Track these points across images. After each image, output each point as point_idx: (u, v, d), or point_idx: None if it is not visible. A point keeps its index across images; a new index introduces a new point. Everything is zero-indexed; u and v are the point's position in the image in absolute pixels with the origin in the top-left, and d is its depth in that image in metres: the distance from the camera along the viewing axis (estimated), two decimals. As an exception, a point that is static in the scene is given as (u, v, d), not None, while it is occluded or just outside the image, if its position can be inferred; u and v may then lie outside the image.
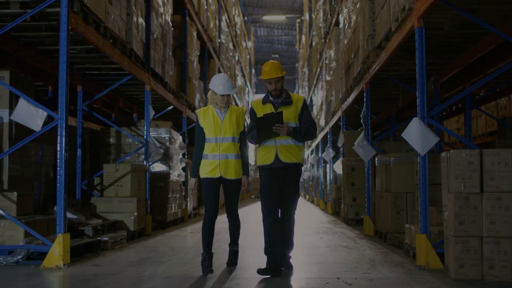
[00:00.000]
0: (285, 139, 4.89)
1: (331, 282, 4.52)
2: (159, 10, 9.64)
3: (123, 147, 9.95)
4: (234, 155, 5.02)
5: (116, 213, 7.95)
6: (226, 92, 4.99)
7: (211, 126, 5.01)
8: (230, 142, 5.01)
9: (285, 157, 4.88)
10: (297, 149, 4.94)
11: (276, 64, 4.97)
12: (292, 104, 4.98)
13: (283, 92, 5.03)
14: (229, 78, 5.02)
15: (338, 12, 12.60)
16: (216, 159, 4.98)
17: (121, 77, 8.70)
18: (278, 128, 4.77)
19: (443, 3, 5.21)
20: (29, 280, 4.65)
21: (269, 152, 4.91)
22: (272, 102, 5.02)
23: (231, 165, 4.99)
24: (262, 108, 5.01)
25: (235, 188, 5.06)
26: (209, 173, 4.98)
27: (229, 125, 5.02)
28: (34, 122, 5.47)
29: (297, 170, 4.98)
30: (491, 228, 4.51)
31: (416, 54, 5.40)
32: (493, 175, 4.53)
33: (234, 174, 5.01)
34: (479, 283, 4.41)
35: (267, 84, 4.98)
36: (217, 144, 4.99)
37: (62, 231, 5.33)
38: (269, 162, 4.90)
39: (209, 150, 5.02)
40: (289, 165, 4.88)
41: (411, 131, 5.21)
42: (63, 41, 5.42)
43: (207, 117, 5.05)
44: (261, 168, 5.00)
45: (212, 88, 5.03)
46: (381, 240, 7.62)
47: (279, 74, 4.93)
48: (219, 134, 5.00)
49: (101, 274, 4.96)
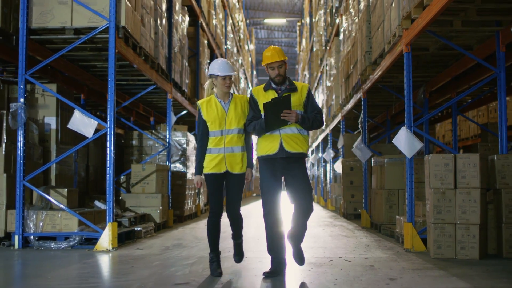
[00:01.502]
0: (290, 128, 4.61)
1: (334, 259, 5.63)
2: (178, 26, 10.74)
3: (145, 149, 11.06)
4: (240, 147, 4.69)
5: (143, 207, 9.05)
6: (228, 73, 4.67)
7: (216, 119, 4.67)
8: (236, 134, 4.67)
9: (290, 146, 4.59)
10: (302, 138, 4.65)
11: (278, 49, 4.68)
12: (297, 92, 4.69)
13: (286, 79, 4.74)
14: (228, 61, 4.77)
15: (338, 24, 13.70)
16: (221, 153, 4.65)
17: (146, 87, 9.79)
18: (286, 115, 4.48)
19: (427, 32, 6.32)
20: (87, 259, 5.74)
21: (273, 141, 4.61)
22: (275, 89, 4.71)
23: (237, 158, 4.67)
24: (264, 95, 4.69)
25: (239, 183, 4.72)
26: (214, 169, 4.65)
27: (234, 117, 4.68)
28: (86, 130, 6.57)
29: (302, 161, 4.70)
30: (463, 216, 5.62)
31: (404, 74, 6.51)
32: (464, 174, 5.64)
33: (240, 167, 4.69)
34: (452, 260, 5.52)
35: (270, 70, 4.67)
36: (222, 137, 4.66)
37: (111, 220, 6.43)
38: (272, 152, 4.60)
39: (213, 144, 4.68)
40: (293, 155, 4.59)
41: (400, 138, 6.32)
42: (111, 63, 6.51)
43: (210, 109, 4.70)
44: (262, 158, 4.69)
45: (212, 72, 4.71)
46: (376, 231, 8.73)
47: (281, 58, 4.65)
48: (224, 126, 4.67)
49: (146, 255, 6.06)
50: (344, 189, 12.02)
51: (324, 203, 18.39)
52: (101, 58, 8.02)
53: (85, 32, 6.76)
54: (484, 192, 5.78)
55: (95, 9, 6.65)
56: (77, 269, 5.19)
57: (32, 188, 6.66)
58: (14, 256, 5.94)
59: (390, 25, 7.19)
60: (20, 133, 6.61)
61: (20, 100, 6.60)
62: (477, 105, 11.34)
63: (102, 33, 6.73)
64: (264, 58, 4.70)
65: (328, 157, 15.96)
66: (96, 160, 10.18)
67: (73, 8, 6.74)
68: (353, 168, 11.87)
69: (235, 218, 4.78)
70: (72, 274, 4.94)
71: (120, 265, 5.35)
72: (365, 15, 9.18)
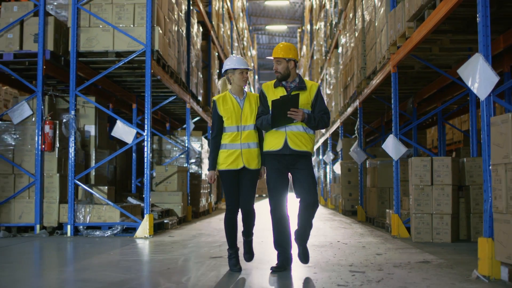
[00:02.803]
0: (295, 125, 4.65)
1: (334, 243, 6.93)
2: (194, 43, 12.05)
3: (164, 152, 12.36)
4: (255, 143, 4.76)
5: (166, 203, 10.34)
6: (246, 66, 4.76)
7: (232, 114, 4.71)
8: (252, 130, 4.74)
9: (294, 144, 4.63)
10: (308, 137, 4.69)
11: (285, 45, 4.73)
12: (306, 90, 4.73)
13: (294, 77, 4.79)
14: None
15: (337, 38, 15.02)
16: (237, 149, 4.68)
17: (167, 97, 11.08)
18: (293, 113, 4.53)
19: (411, 56, 7.61)
20: (131, 243, 7.02)
21: (278, 137, 4.66)
22: (285, 85, 4.77)
23: (253, 154, 4.72)
24: (274, 92, 4.75)
25: (254, 178, 4.77)
26: (231, 165, 4.68)
27: (249, 113, 4.74)
28: (127, 137, 7.87)
29: (307, 159, 4.74)
30: (438, 208, 6.92)
31: (392, 90, 7.81)
32: (439, 173, 6.94)
33: (256, 163, 4.76)
34: (429, 243, 6.81)
35: (274, 64, 4.77)
36: (238, 133, 4.69)
37: (148, 212, 7.73)
38: (277, 148, 4.65)
39: (229, 140, 4.71)
40: (297, 153, 4.64)
41: (388, 144, 7.62)
42: (148, 81, 7.81)
43: (226, 105, 4.73)
44: (267, 154, 4.74)
45: (230, 67, 4.77)
46: (370, 224, 10.03)
47: (280, 55, 4.69)
48: (240, 122, 4.71)
49: (178, 240, 7.36)
50: (342, 188, 13.31)
51: (325, 202, 19.68)
52: (133, 75, 9.32)
53: (125, 55, 8.06)
54: (456, 188, 7.08)
55: (133, 35, 7.94)
56: (127, 249, 6.48)
57: (81, 186, 7.96)
58: (69, 242, 7.23)
59: (380, 48, 8.49)
60: (71, 140, 7.91)
61: (71, 112, 7.91)
62: (461, 113, 12.63)
63: (139, 56, 8.03)
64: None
65: (328, 159, 17.26)
66: (122, 162, 11.47)
67: (114, 35, 8.04)
68: (351, 169, 13.17)
69: (248, 213, 4.76)
70: (126, 252, 6.22)
71: (161, 247, 6.64)
72: (360, 35, 10.48)
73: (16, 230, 7.89)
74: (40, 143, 7.86)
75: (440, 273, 4.61)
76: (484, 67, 4.26)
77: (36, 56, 7.95)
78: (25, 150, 8.04)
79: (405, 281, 4.26)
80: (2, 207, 7.91)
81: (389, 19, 7.73)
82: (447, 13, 5.48)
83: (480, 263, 4.37)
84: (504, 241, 4.07)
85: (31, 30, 8.05)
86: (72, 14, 7.96)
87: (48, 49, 7.96)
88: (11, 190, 7.97)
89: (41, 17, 7.92)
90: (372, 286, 4.06)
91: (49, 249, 6.60)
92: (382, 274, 4.55)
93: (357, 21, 11.02)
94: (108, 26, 7.98)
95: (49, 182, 8.00)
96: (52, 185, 8.00)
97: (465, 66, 4.44)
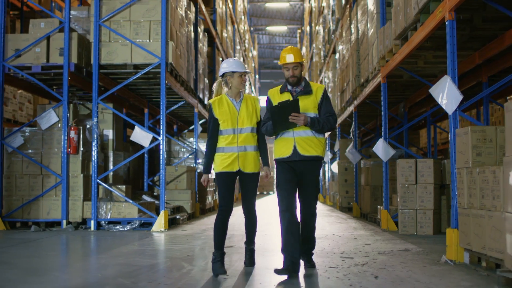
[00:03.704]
0: (303, 130, 4.60)
1: (329, 235, 7.83)
2: (201, 52, 12.94)
3: (172, 153, 13.28)
4: (253, 146, 4.73)
5: (176, 200, 11.24)
6: (245, 69, 4.75)
7: (228, 117, 4.69)
8: (249, 133, 4.72)
9: (303, 149, 4.58)
10: (317, 141, 4.63)
11: (296, 50, 4.69)
12: (311, 94, 4.68)
13: (301, 80, 4.73)
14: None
15: (334, 45, 15.90)
16: (234, 152, 4.67)
17: (177, 102, 11.97)
18: (294, 118, 4.47)
19: (399, 68, 8.49)
20: (149, 236, 7.92)
21: (286, 144, 4.63)
22: (290, 91, 4.73)
23: (250, 157, 4.71)
24: (280, 97, 4.72)
25: (253, 182, 4.76)
26: (227, 168, 4.67)
27: (246, 115, 4.72)
28: (144, 141, 8.77)
29: (317, 164, 4.70)
30: (421, 204, 7.82)
31: (382, 99, 8.70)
32: (423, 173, 7.83)
33: (253, 167, 4.73)
34: (413, 235, 7.70)
35: (285, 71, 4.69)
36: (235, 135, 4.68)
37: (163, 209, 8.63)
38: (286, 155, 4.62)
39: (226, 143, 4.69)
40: (308, 158, 4.59)
41: (378, 147, 8.51)
42: (163, 91, 8.70)
43: (222, 108, 4.71)
44: (278, 161, 4.71)
45: (228, 69, 4.71)
46: (364, 219, 10.94)
47: (297, 60, 4.65)
48: (236, 125, 4.69)
49: (191, 233, 8.26)
50: (339, 186, 14.21)
51: (323, 199, 20.59)
52: (147, 84, 10.22)
53: (142, 67, 8.95)
54: (438, 187, 7.98)
55: (149, 49, 8.83)
56: (148, 241, 7.38)
57: (103, 185, 8.86)
58: (94, 235, 8.13)
59: (372, 59, 9.38)
60: (94, 143, 8.81)
61: (94, 119, 8.80)
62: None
63: (154, 68, 8.92)
64: (281, 58, 4.73)
65: (326, 159, 18.16)
66: (134, 163, 12.37)
67: (132, 49, 8.92)
68: (347, 169, 14.07)
69: (250, 216, 4.81)
70: (147, 243, 7.12)
71: (177, 239, 7.54)
72: (355, 45, 11.37)
73: (44, 225, 8.79)
74: (66, 147, 8.76)
75: (416, 258, 5.51)
76: (451, 87, 5.15)
77: (61, 68, 8.83)
78: (52, 153, 8.94)
79: (385, 264, 5.15)
80: (31, 204, 8.81)
81: (379, 35, 8.62)
82: (426, 35, 6.36)
83: (447, 249, 5.27)
84: (465, 231, 4.97)
85: (57, 45, 8.93)
86: (94, 30, 8.84)
87: (72, 61, 8.84)
88: (39, 189, 8.88)
89: (66, 34, 8.80)
90: (358, 268, 4.97)
91: (79, 241, 7.51)
92: (367, 259, 5.45)
93: (353, 31, 11.89)
94: (126, 41, 8.87)
95: (74, 181, 8.91)
96: (76, 184, 8.90)
97: (436, 86, 5.33)
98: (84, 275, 4.93)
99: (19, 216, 8.86)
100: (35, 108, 16.74)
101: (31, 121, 9.23)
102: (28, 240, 7.37)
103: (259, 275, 4.67)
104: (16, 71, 8.87)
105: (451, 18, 5.28)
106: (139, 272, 4.88)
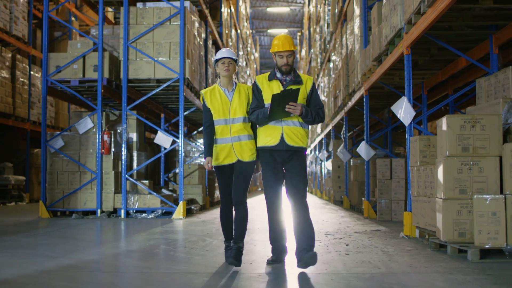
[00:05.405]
0: (292, 120, 4.58)
1: (319, 221, 9.55)
2: (210, 63, 14.64)
3: (185, 152, 14.98)
4: (246, 135, 4.70)
5: (189, 194, 12.96)
6: (226, 55, 4.67)
7: (219, 107, 4.67)
8: (242, 123, 4.67)
9: (291, 140, 4.57)
10: (303, 132, 4.63)
11: (289, 38, 4.63)
12: (302, 84, 4.64)
13: (292, 70, 4.68)
14: (229, 48, 4.84)
15: (329, 54, 17.60)
16: (228, 143, 4.66)
17: (189, 108, 13.66)
18: (291, 107, 4.44)
19: (379, 83, 10.18)
20: (172, 222, 9.61)
21: (273, 133, 4.58)
22: (280, 79, 4.66)
23: (245, 146, 4.67)
24: (268, 85, 4.67)
25: (247, 171, 4.67)
26: (226, 160, 4.69)
27: (238, 105, 4.68)
28: (165, 143, 10.49)
29: (301, 155, 4.66)
30: (395, 196, 9.53)
31: (364, 108, 10.39)
32: (396, 170, 9.54)
33: (249, 155, 4.70)
34: (388, 221, 9.40)
35: (278, 58, 4.62)
36: (227, 125, 4.66)
37: (182, 200, 10.35)
38: (272, 143, 4.57)
39: (219, 134, 4.68)
40: (293, 148, 4.59)
41: (361, 148, 10.22)
42: (181, 103, 10.41)
43: (214, 98, 4.71)
44: (262, 149, 4.66)
45: (214, 60, 4.75)
46: (352, 210, 12.66)
47: (292, 48, 4.62)
48: (228, 115, 4.66)
49: (206, 220, 9.97)
50: (333, 182, 15.93)
51: (320, 194, 22.32)
52: (166, 93, 11.93)
53: (163, 81, 10.66)
54: (409, 181, 9.68)
55: (170, 66, 10.53)
56: (172, 225, 9.08)
57: (132, 180, 10.58)
58: (124, 222, 9.84)
59: (357, 73, 11.08)
60: (123, 145, 10.53)
61: (123, 125, 10.52)
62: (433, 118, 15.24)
63: (174, 82, 10.63)
64: (273, 46, 4.66)
65: (323, 157, 19.87)
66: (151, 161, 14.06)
67: (155, 66, 10.63)
68: (340, 166, 15.79)
69: (239, 208, 4.65)
70: (172, 226, 8.82)
71: (195, 223, 9.25)
72: (345, 59, 13.07)
73: (82, 214, 10.52)
74: (100, 148, 10.47)
75: (382, 236, 7.22)
76: (407, 105, 6.85)
77: (95, 82, 10.55)
78: (88, 154, 10.66)
79: (357, 239, 6.86)
80: (71, 196, 10.54)
81: (362, 55, 10.32)
82: (394, 61, 8.04)
83: (404, 228, 6.99)
84: (416, 213, 6.68)
85: (91, 62, 10.64)
86: (124, 51, 10.55)
87: (105, 76, 10.54)
88: (77, 183, 10.61)
89: (100, 53, 10.51)
90: (336, 240, 6.68)
91: (117, 224, 9.23)
92: (344, 236, 7.17)
93: (343, 45, 13.57)
94: (150, 59, 10.57)
95: (106, 177, 10.63)
96: (108, 179, 10.63)
97: (396, 105, 7.03)
98: (136, 244, 6.62)
99: (60, 206, 10.59)
100: (57, 111, 18.54)
101: (70, 127, 10.94)
102: (74, 224, 9.09)
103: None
104: (58, 84, 10.59)
105: (408, 53, 6.97)
106: (175, 242, 6.61)
